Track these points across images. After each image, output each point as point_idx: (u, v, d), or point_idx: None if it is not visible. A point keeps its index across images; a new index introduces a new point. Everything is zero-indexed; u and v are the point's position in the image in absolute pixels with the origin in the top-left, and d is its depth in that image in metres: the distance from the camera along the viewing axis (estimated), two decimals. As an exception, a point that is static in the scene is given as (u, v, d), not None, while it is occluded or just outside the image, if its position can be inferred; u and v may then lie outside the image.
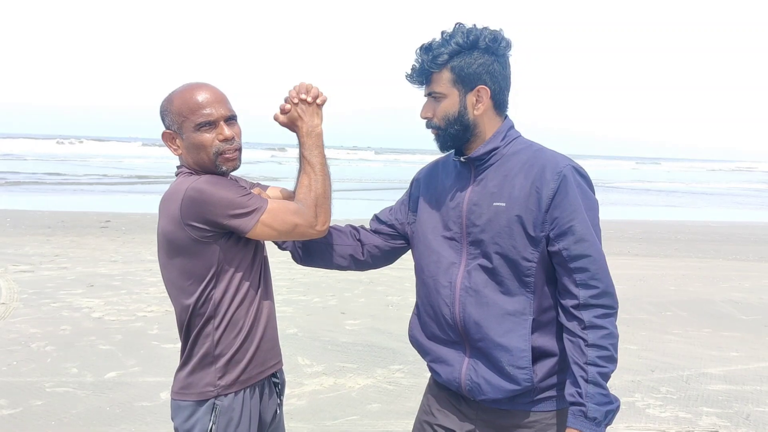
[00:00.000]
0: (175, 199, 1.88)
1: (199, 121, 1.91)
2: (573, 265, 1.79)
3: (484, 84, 1.85)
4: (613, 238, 13.17)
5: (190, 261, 1.90)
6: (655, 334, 6.59)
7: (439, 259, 1.95)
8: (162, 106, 1.99)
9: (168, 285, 2.00)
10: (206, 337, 1.95)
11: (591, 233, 1.80)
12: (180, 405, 1.98)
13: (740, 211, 22.63)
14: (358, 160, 59.59)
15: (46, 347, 5.57)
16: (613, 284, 1.83)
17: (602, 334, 1.78)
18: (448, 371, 1.96)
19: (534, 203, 1.80)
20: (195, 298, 1.92)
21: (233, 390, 1.97)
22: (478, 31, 1.83)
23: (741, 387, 5.09)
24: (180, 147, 1.98)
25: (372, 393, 4.78)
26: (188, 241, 1.87)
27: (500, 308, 1.85)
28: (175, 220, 1.87)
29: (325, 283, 8.39)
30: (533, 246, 1.81)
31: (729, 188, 36.87)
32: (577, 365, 1.78)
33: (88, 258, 9.57)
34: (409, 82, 1.92)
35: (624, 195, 28.10)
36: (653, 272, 9.87)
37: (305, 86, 2.00)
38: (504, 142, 1.90)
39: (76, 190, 21.08)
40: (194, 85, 1.97)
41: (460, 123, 1.87)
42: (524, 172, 1.84)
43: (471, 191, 1.91)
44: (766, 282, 9.40)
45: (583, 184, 1.83)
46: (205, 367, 1.95)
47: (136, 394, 4.63)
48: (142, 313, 6.74)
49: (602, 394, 1.77)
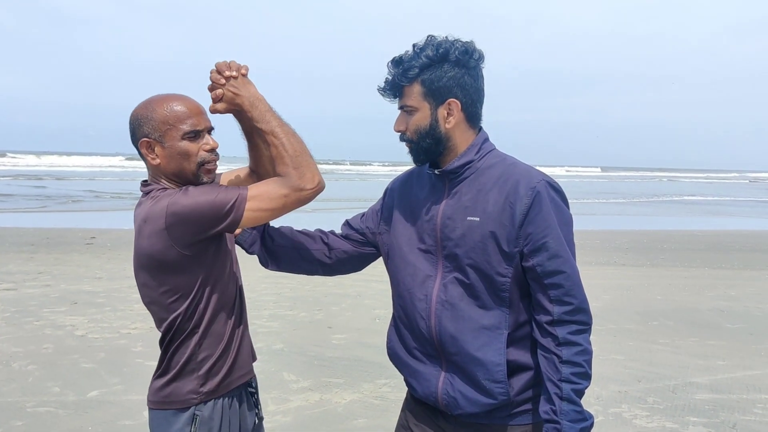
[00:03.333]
0: (156, 219, 1.82)
1: (186, 129, 1.88)
2: (547, 281, 1.78)
3: (455, 97, 1.84)
4: (599, 248, 13.23)
5: (177, 277, 1.87)
6: (641, 343, 6.59)
7: (415, 272, 1.94)
8: (139, 114, 1.91)
9: (149, 303, 1.97)
10: (188, 347, 1.93)
11: (565, 249, 1.79)
12: (158, 415, 1.96)
13: (725, 220, 22.80)
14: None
15: (28, 366, 5.49)
16: (587, 300, 1.82)
17: (576, 351, 1.77)
18: (424, 385, 1.94)
19: (508, 219, 1.79)
20: (180, 313, 1.90)
21: (215, 396, 1.95)
22: (449, 43, 1.82)
23: (727, 396, 5.09)
24: (159, 156, 1.91)
25: (358, 408, 4.74)
26: (178, 258, 1.84)
27: (476, 322, 1.84)
28: (162, 240, 1.82)
29: (312, 297, 8.35)
30: (507, 262, 1.81)
31: (715, 197, 37.10)
32: (551, 382, 1.77)
33: (72, 275, 9.48)
34: (382, 95, 1.92)
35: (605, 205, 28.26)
36: (640, 282, 9.90)
37: (225, 64, 1.91)
38: (478, 155, 1.89)
39: (60, 206, 20.92)
40: (176, 95, 1.93)
41: (432, 136, 1.86)
42: (498, 187, 1.83)
43: (445, 204, 1.90)
44: (751, 290, 9.45)
45: (557, 198, 1.83)
46: (187, 375, 1.93)
47: (118, 412, 4.56)
48: (126, 330, 6.67)
49: (576, 411, 1.76)
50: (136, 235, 1.89)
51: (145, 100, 1.94)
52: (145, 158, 1.94)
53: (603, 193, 37.46)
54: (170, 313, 1.91)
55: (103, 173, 44.73)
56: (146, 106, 1.91)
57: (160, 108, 1.89)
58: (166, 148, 1.90)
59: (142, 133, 1.90)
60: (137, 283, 1.99)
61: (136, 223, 1.91)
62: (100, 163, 58.53)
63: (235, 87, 1.90)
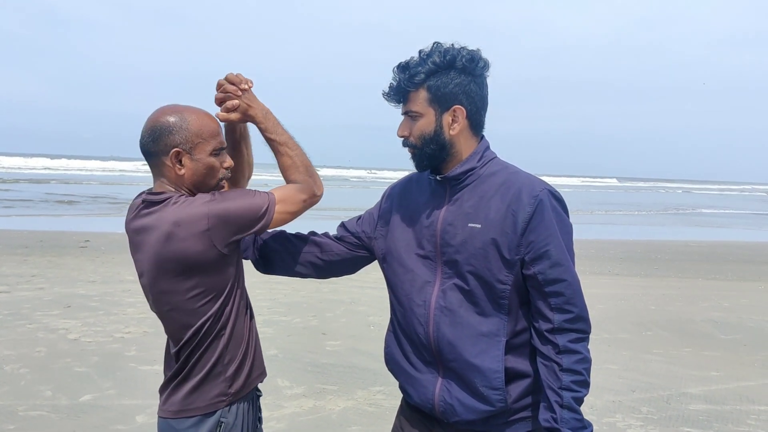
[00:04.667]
0: (195, 221, 1.83)
1: (216, 146, 1.94)
2: (548, 289, 1.79)
3: (461, 104, 1.85)
4: (594, 258, 13.24)
5: (212, 278, 1.90)
6: (636, 353, 6.60)
7: (414, 278, 1.94)
8: (170, 122, 1.90)
9: (169, 310, 1.93)
10: (215, 350, 1.94)
11: (566, 258, 1.80)
12: (180, 424, 1.94)
13: (719, 231, 22.87)
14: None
15: (20, 369, 5.45)
16: (587, 309, 1.83)
17: (576, 359, 1.78)
18: (421, 392, 1.94)
19: (510, 226, 1.80)
20: (210, 315, 1.91)
21: (238, 398, 1.99)
22: (456, 50, 1.83)
23: (721, 407, 5.10)
24: (185, 167, 1.92)
25: (352, 415, 4.72)
26: (216, 258, 1.87)
27: (474, 329, 1.84)
28: (203, 241, 1.83)
29: (306, 303, 8.33)
30: (508, 269, 1.81)
31: (733, 210, 36.62)
32: (552, 390, 1.77)
33: (65, 278, 9.43)
34: (386, 100, 1.92)
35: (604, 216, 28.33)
36: (634, 292, 9.91)
37: (238, 77, 2.00)
38: (480, 162, 1.90)
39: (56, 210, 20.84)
40: (204, 110, 1.97)
41: (436, 142, 1.87)
42: (500, 194, 1.84)
43: (446, 210, 1.90)
44: (745, 301, 9.48)
45: (558, 208, 1.84)
46: (214, 379, 1.94)
47: (111, 417, 4.54)
48: (120, 334, 6.64)
49: (576, 419, 1.76)
50: (162, 240, 1.84)
51: (173, 109, 1.93)
52: (167, 167, 1.93)
53: (620, 205, 36.89)
54: (198, 317, 1.91)
55: (97, 177, 44.61)
56: (179, 116, 1.91)
57: (194, 121, 1.92)
58: (194, 161, 1.92)
59: (173, 142, 1.90)
60: (152, 292, 1.94)
61: (156, 230, 1.86)
62: (94, 167, 58.37)
63: (249, 99, 2.01)
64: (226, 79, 1.99)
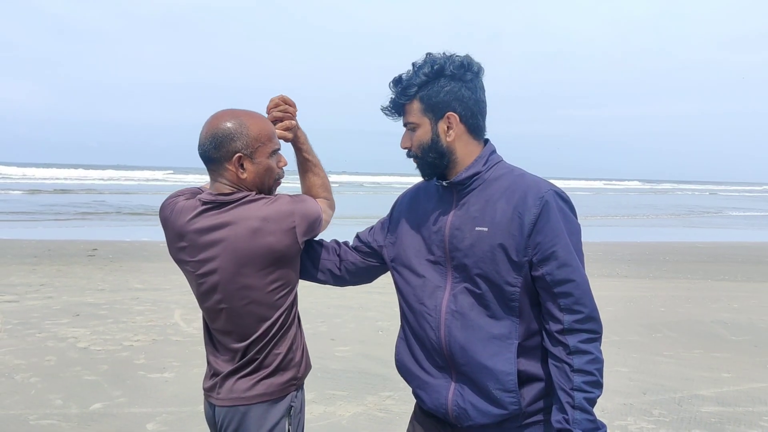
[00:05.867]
0: (283, 218, 1.98)
1: (273, 148, 2.07)
2: (557, 290, 1.79)
3: (453, 110, 1.89)
4: (601, 260, 13.21)
5: (290, 271, 2.05)
6: (646, 355, 6.57)
7: (425, 283, 1.95)
8: (232, 129, 1.99)
9: (248, 304, 2.00)
10: (287, 339, 2.06)
11: (574, 258, 1.80)
12: (252, 411, 2.00)
13: (726, 232, 22.78)
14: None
15: (31, 378, 5.47)
16: (597, 309, 1.82)
17: (588, 359, 1.77)
18: (434, 397, 1.94)
19: (516, 228, 1.80)
20: (286, 307, 2.04)
21: (302, 383, 2.12)
22: (444, 59, 1.87)
23: (733, 409, 5.07)
24: (247, 171, 2.02)
25: (363, 421, 4.71)
26: (296, 253, 2.05)
27: (486, 332, 1.84)
28: (290, 237, 1.99)
29: (315, 309, 8.33)
30: (516, 271, 1.81)
31: (737, 212, 36.02)
32: (563, 391, 1.77)
33: (74, 287, 9.46)
34: (386, 114, 1.98)
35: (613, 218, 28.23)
36: (643, 293, 9.88)
37: (286, 98, 2.17)
38: (486, 166, 1.92)
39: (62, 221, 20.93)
40: (260, 114, 2.10)
41: (435, 150, 1.90)
42: (506, 197, 1.85)
43: (453, 215, 1.92)
44: (755, 302, 9.43)
45: (565, 208, 1.84)
46: (285, 366, 2.05)
47: (122, 425, 4.54)
48: (129, 342, 6.65)
49: (589, 419, 1.76)
50: (248, 235, 1.95)
51: (231, 114, 2.03)
52: (229, 171, 2.02)
53: (644, 207, 36.21)
54: (275, 310, 2.02)
55: (104, 186, 44.77)
56: (238, 122, 2.01)
57: (253, 126, 2.02)
58: (255, 164, 2.03)
59: (235, 148, 1.99)
60: (229, 288, 2.00)
61: (238, 225, 1.96)
62: (101, 176, 58.61)
63: (296, 120, 2.21)
64: (283, 100, 2.14)
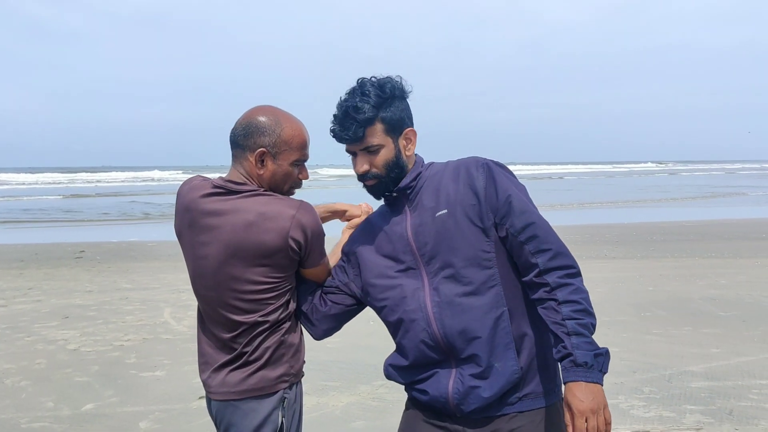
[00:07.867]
0: (282, 218, 1.94)
1: (298, 157, 2.06)
2: (522, 237, 1.88)
3: (410, 126, 2.03)
4: (589, 242, 13.29)
5: (280, 271, 2.00)
6: (635, 335, 6.62)
7: (402, 291, 1.99)
8: (266, 123, 2.01)
9: (234, 297, 2.00)
10: (279, 333, 2.04)
11: (527, 204, 1.92)
12: (244, 405, 2.01)
13: (712, 210, 22.96)
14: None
15: (21, 382, 5.44)
16: (564, 245, 1.90)
17: (570, 290, 1.84)
18: (434, 388, 1.96)
19: (472, 197, 1.92)
20: (277, 305, 2.02)
21: (297, 380, 2.10)
22: (388, 80, 1.98)
23: (723, 383, 5.12)
24: (266, 168, 2.03)
25: (356, 410, 4.73)
26: (287, 257, 1.99)
27: (477, 310, 1.89)
28: (282, 238, 1.94)
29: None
30: (486, 236, 1.90)
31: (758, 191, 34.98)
32: (556, 324, 1.82)
33: (62, 289, 9.41)
34: (345, 142, 1.99)
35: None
36: (631, 274, 9.95)
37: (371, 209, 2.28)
38: (424, 167, 2.06)
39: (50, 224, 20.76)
40: (300, 121, 2.09)
41: (398, 165, 2.00)
42: (452, 179, 1.97)
43: (410, 216, 2.01)
44: (742, 278, 9.52)
45: (505, 171, 1.98)
46: (276, 361, 2.04)
47: (114, 425, 4.53)
48: (119, 342, 6.63)
49: (587, 342, 1.80)
50: (242, 227, 1.94)
51: (272, 111, 2.04)
52: (249, 162, 2.02)
53: (666, 189, 35.36)
54: (263, 305, 2.01)
55: (91, 188, 44.46)
56: (275, 119, 2.03)
57: (288, 128, 2.03)
58: (276, 164, 2.04)
59: (262, 142, 2.01)
60: (217, 277, 2.00)
61: (235, 215, 1.95)
62: (88, 178, 58.17)
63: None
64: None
